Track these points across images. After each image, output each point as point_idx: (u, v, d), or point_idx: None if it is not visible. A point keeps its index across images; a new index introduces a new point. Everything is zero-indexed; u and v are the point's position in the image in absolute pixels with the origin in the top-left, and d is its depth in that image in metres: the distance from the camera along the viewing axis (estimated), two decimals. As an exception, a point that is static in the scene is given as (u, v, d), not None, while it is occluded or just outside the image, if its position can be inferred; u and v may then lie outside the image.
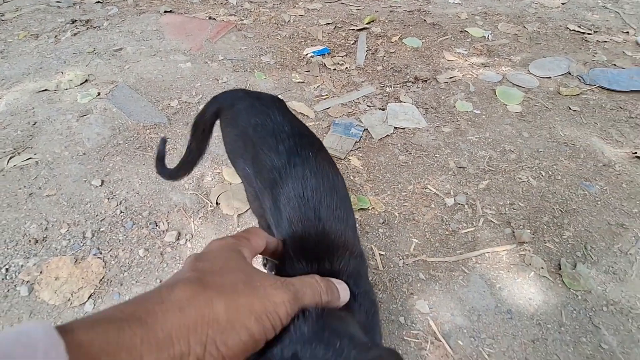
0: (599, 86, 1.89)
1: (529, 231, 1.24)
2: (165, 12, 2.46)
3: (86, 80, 1.80)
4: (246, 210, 1.28)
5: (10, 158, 1.40)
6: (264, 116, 0.75)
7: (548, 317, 1.03)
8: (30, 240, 1.16)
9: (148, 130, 1.55)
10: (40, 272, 1.09)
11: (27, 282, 1.07)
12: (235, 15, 2.48)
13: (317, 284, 0.31)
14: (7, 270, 1.09)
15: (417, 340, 0.98)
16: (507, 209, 1.32)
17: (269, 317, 0.26)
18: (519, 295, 1.08)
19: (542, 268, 1.14)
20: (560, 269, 1.14)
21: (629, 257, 1.17)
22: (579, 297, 1.07)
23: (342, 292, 0.34)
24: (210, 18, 2.38)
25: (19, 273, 1.09)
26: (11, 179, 1.34)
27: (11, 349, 0.17)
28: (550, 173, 1.45)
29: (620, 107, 1.77)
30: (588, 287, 1.09)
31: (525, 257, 1.17)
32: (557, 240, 1.22)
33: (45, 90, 1.75)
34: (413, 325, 1.01)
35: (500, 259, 1.17)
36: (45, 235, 1.18)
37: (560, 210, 1.31)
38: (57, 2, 2.60)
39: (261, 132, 0.73)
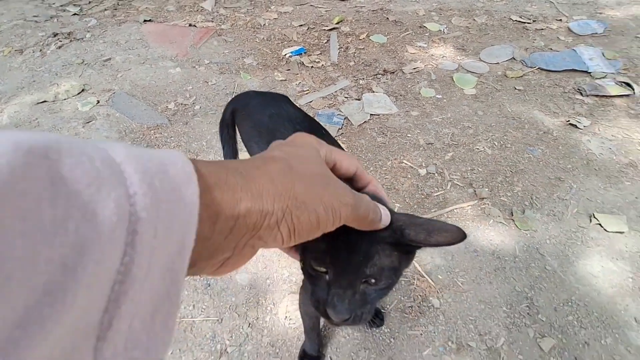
0: (538, 68, 2.22)
1: (487, 189, 1.52)
2: (145, 21, 2.58)
3: (83, 90, 1.92)
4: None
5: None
6: (277, 108, 0.96)
7: (505, 252, 1.30)
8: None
9: (152, 131, 1.71)
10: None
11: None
12: (212, 22, 2.64)
13: (370, 201, 0.35)
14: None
15: (406, 279, 1.23)
16: (469, 173, 1.59)
17: (333, 211, 0.29)
18: (482, 238, 1.35)
19: (499, 216, 1.42)
20: (512, 215, 1.42)
21: (564, 202, 1.47)
22: (528, 235, 1.36)
23: (384, 216, 0.37)
24: (190, 25, 2.53)
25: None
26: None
27: (169, 174, 0.20)
28: (501, 142, 1.74)
29: (556, 84, 2.11)
30: (534, 227, 1.38)
31: (485, 209, 1.45)
32: (509, 194, 1.51)
33: (44, 101, 1.86)
34: (402, 268, 1.26)
35: (466, 213, 1.44)
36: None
37: (510, 171, 1.60)
38: (35, 16, 2.65)
39: (277, 119, 0.94)
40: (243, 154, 1.33)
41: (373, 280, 0.42)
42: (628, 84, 2.05)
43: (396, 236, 0.40)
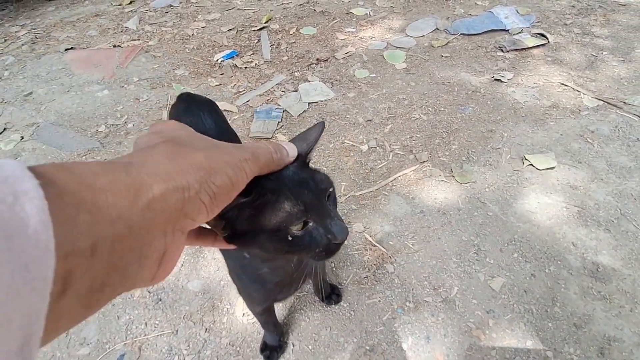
0: (461, 34, 2.31)
1: (426, 153, 1.56)
2: (67, 49, 2.47)
3: (5, 129, 1.81)
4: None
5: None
6: (196, 117, 0.95)
7: (449, 207, 1.34)
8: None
9: (83, 157, 1.63)
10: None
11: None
12: (139, 40, 2.56)
13: (266, 146, 0.37)
14: None
15: (359, 251, 1.24)
16: (408, 141, 1.63)
17: (239, 168, 0.30)
18: (427, 198, 1.38)
19: (440, 175, 1.46)
20: (452, 172, 1.47)
21: (498, 151, 1.54)
22: (468, 187, 1.41)
23: (290, 150, 0.40)
24: (115, 46, 2.45)
25: None
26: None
27: None
28: (435, 108, 1.80)
29: (479, 46, 2.21)
30: (473, 179, 1.43)
31: (427, 171, 1.49)
32: (447, 153, 1.56)
33: (-38, 148, 1.74)
34: (354, 242, 1.26)
35: (409, 178, 1.47)
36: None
37: (446, 132, 1.66)
38: (-58, 63, 2.47)
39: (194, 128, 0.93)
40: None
41: (329, 194, 0.48)
42: (542, 35, 2.19)
43: (309, 157, 0.47)
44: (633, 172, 1.38)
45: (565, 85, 1.84)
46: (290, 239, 0.44)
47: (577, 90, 1.80)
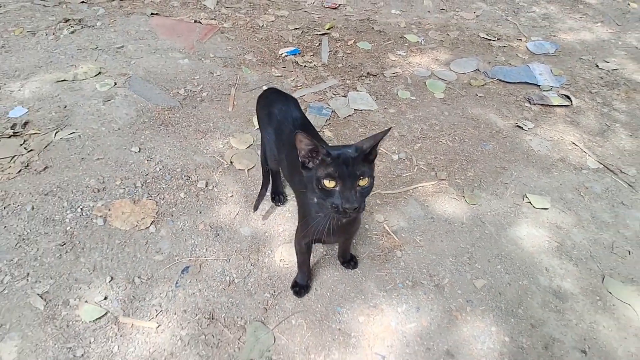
0: (497, 79, 2.61)
1: (445, 173, 1.86)
2: (152, 14, 2.81)
3: (100, 73, 2.15)
4: (253, 166, 1.76)
5: (56, 133, 1.75)
6: (286, 105, 1.30)
7: (455, 219, 1.65)
8: (93, 190, 1.55)
9: (166, 112, 1.96)
10: (109, 210, 1.49)
11: (101, 216, 1.47)
12: (215, 19, 2.90)
13: None
14: (81, 209, 1.48)
15: (377, 236, 1.54)
16: (432, 160, 1.93)
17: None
18: (438, 209, 1.69)
19: (453, 193, 1.76)
20: (464, 193, 1.77)
21: (505, 185, 1.84)
22: (474, 208, 1.71)
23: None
24: (195, 21, 2.78)
25: (92, 211, 1.48)
26: (62, 148, 1.69)
27: None
28: (461, 138, 2.10)
29: (510, 94, 2.50)
30: (480, 203, 1.73)
31: (443, 188, 1.79)
32: (463, 177, 1.86)
33: (64, 80, 2.07)
34: (374, 228, 1.57)
35: (427, 190, 1.77)
36: (104, 186, 1.57)
37: (466, 160, 1.96)
38: (42, 0, 2.82)
39: (284, 113, 1.29)
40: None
41: (363, 182, 0.82)
42: (568, 96, 2.47)
43: (364, 153, 0.83)
44: (610, 227, 1.67)
45: (576, 144, 2.13)
46: (320, 187, 0.83)
47: (584, 151, 2.09)
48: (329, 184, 0.82)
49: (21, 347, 1.11)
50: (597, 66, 2.81)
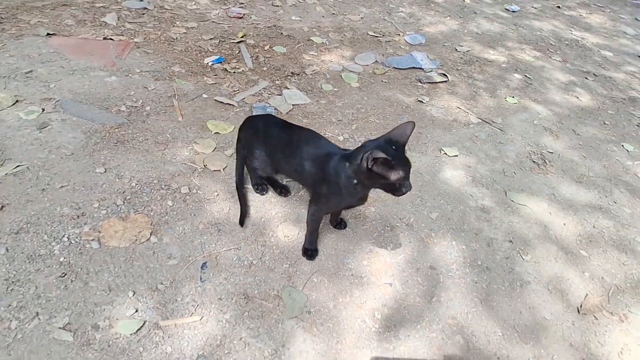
0: (393, 67, 3.20)
1: (383, 143, 2.29)
2: (49, 34, 2.56)
3: (17, 101, 1.93)
4: (226, 166, 1.89)
5: (-4, 170, 1.57)
6: (266, 118, 1.52)
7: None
8: (71, 217, 1.48)
9: (116, 130, 1.91)
10: (99, 232, 1.46)
11: (92, 239, 1.43)
12: (123, 35, 2.79)
13: None
14: (68, 238, 1.41)
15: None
16: (369, 135, 2.35)
17: None
18: (388, 171, 2.10)
19: (394, 157, 2.20)
20: (401, 156, 2.22)
21: (425, 145, 2.36)
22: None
23: None
24: (105, 38, 2.64)
25: (80, 237, 1.42)
26: (12, 183, 1.54)
27: None
28: (383, 115, 2.57)
29: (406, 77, 3.11)
30: (413, 160, 2.21)
31: (385, 155, 2.21)
32: (396, 144, 2.32)
33: (-28, 115, 1.81)
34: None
35: (374, 159, 2.17)
36: (82, 212, 1.51)
37: (393, 131, 2.43)
38: None
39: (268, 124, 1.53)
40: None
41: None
42: (445, 74, 3.20)
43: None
44: (498, 159, 2.34)
45: (460, 108, 2.82)
46: (391, 182, 1.20)
47: (467, 112, 2.79)
48: (401, 181, 1.21)
49: (68, 375, 1.09)
50: (456, 50, 3.67)
